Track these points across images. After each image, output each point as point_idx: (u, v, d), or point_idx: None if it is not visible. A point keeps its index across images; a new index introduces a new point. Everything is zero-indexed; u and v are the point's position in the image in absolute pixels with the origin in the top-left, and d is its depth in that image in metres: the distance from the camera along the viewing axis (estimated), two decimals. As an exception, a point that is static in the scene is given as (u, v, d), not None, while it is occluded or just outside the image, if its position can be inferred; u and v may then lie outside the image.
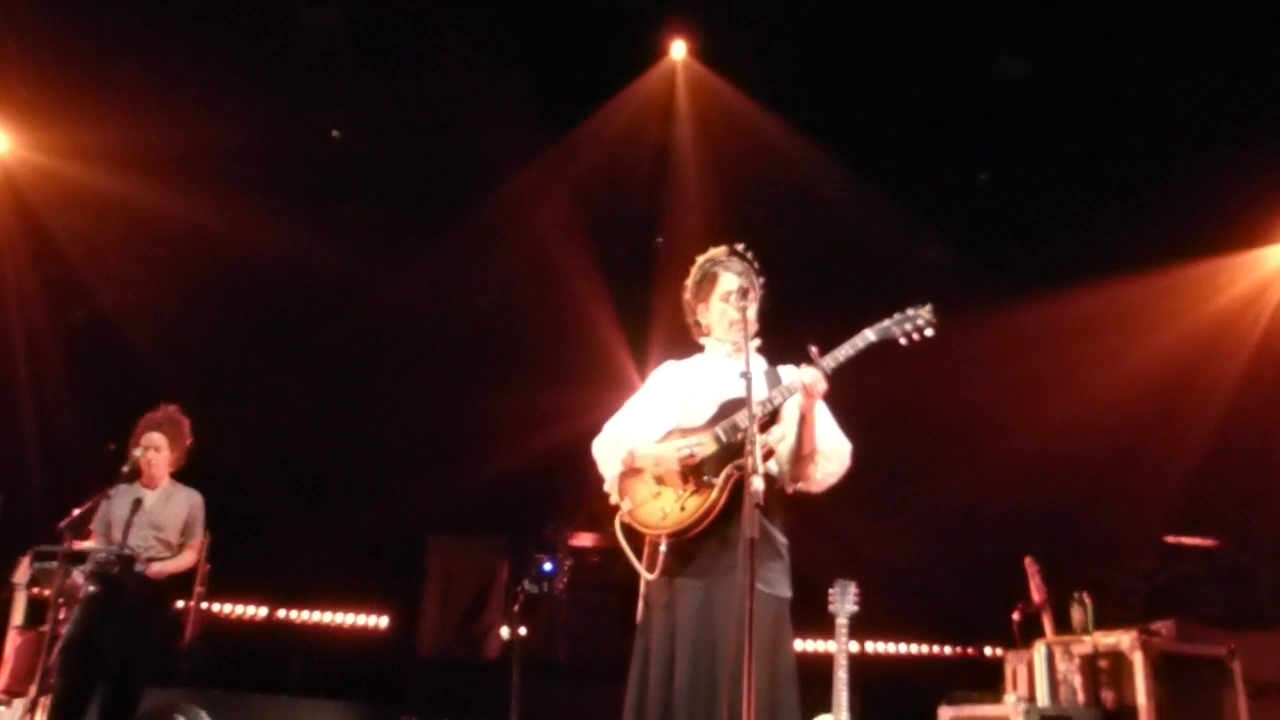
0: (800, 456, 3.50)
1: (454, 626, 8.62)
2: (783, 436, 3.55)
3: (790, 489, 3.57)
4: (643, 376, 3.97)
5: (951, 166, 7.52)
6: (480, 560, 8.81)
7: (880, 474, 6.49)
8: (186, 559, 5.20)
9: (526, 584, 7.15)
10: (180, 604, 5.28)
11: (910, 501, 8.19)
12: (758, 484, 2.90)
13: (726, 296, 3.67)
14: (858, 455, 3.58)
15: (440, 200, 7.77)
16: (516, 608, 6.08)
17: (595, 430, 3.64)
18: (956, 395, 7.94)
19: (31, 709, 4.83)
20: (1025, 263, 7.57)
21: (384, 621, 9.14)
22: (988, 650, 8.59)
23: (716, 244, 3.75)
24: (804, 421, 3.45)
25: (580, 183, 7.54)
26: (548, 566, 8.17)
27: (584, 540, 8.61)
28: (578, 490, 7.79)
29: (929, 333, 3.45)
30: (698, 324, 3.82)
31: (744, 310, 3.45)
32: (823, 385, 3.37)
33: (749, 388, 3.13)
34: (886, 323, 3.47)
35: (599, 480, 3.61)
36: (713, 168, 7.48)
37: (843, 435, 3.61)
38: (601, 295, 8.21)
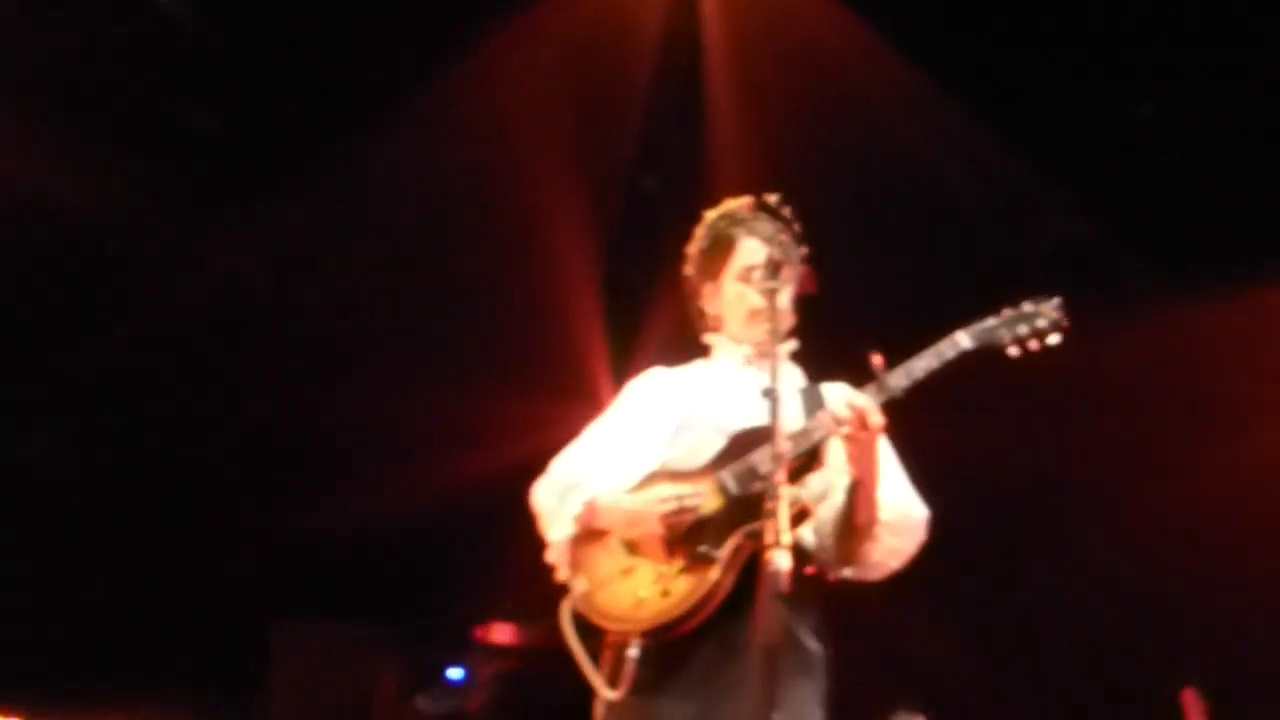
0: (853, 527, 3.50)
1: (308, 757, 8.61)
2: (824, 492, 3.56)
3: (834, 574, 3.59)
4: (618, 386, 3.99)
5: (1097, 92, 7.53)
6: (352, 661, 8.80)
7: (967, 551, 6.49)
8: None
9: (422, 702, 7.12)
10: None
11: (1000, 597, 8.21)
12: (783, 563, 2.84)
13: (747, 274, 3.69)
14: (938, 525, 3.59)
15: (312, 111, 7.70)
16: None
17: (542, 463, 3.64)
18: (1084, 436, 7.95)
19: None
20: (1203, 241, 7.58)
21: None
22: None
23: (738, 194, 3.77)
24: (854, 476, 3.46)
25: (544, 70, 7.50)
26: (456, 675, 8.16)
27: (513, 636, 8.59)
28: (506, 558, 7.79)
29: (1054, 340, 3.47)
30: (703, 314, 3.85)
31: (772, 294, 3.44)
32: (878, 418, 3.36)
33: (775, 412, 3.09)
34: (991, 323, 3.48)
35: (541, 544, 3.61)
36: (745, 84, 7.48)
37: (916, 497, 3.63)
38: (561, 258, 8.19)
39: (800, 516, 3.38)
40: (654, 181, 8.12)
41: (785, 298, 3.52)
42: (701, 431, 3.58)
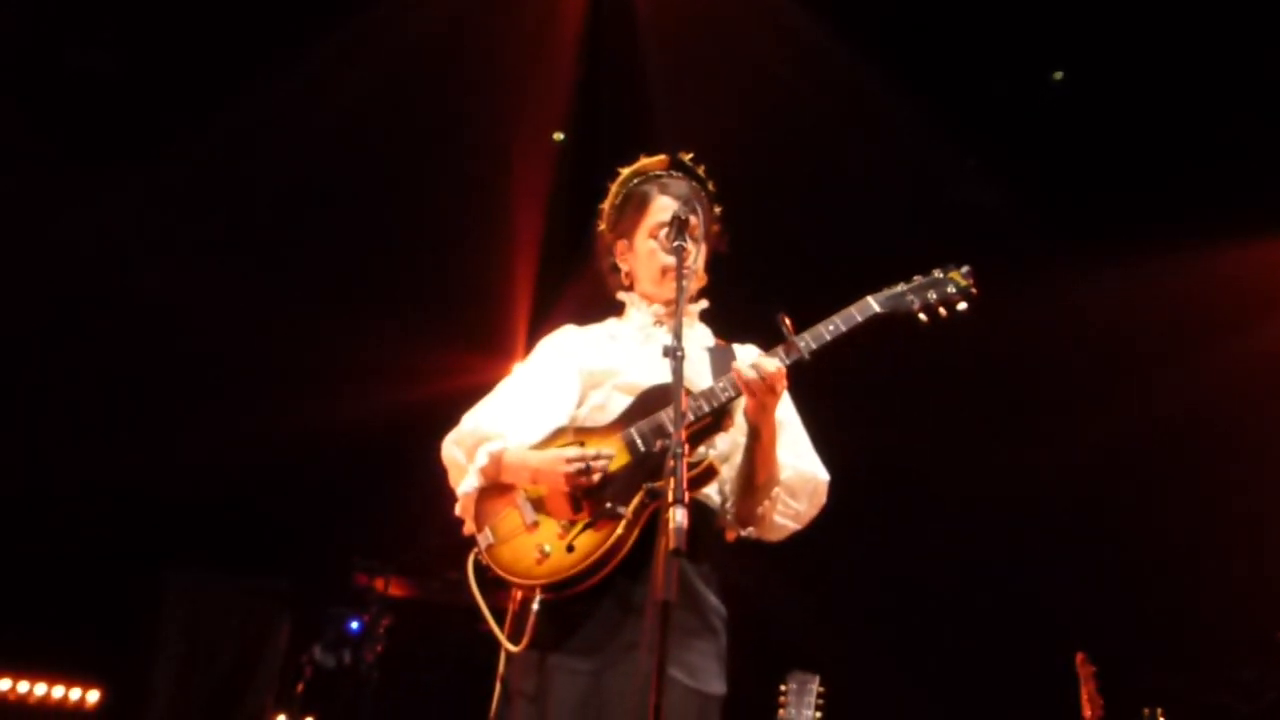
0: (752, 487, 3.58)
1: (201, 710, 8.55)
2: (731, 453, 3.63)
3: (733, 533, 3.66)
4: (531, 343, 4.01)
5: (1010, 57, 7.60)
6: (245, 611, 8.76)
7: (862, 514, 6.60)
8: None
9: (318, 653, 7.11)
10: None
11: (898, 559, 8.34)
12: (680, 519, 2.84)
13: (658, 230, 3.73)
14: (837, 488, 3.67)
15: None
16: (301, 687, 6.06)
17: (449, 410, 3.65)
18: (991, 393, 8.09)
19: None
20: (1112, 206, 7.65)
21: (93, 697, 9.00)
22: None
23: (651, 152, 3.80)
24: (756, 435, 3.52)
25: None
26: (353, 626, 8.15)
27: (411, 589, 8.60)
28: (408, 510, 7.80)
29: (962, 307, 3.55)
30: (617, 270, 3.88)
31: (682, 253, 3.48)
32: (781, 383, 3.42)
33: (677, 370, 3.14)
34: (901, 288, 3.56)
35: (447, 496, 3.63)
36: (664, 46, 7.47)
37: (817, 460, 3.70)
38: (491, 212, 8.18)
39: (706, 475, 3.44)
40: (569, 137, 8.11)
41: (698, 257, 3.57)
42: (609, 389, 3.62)
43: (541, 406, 3.62)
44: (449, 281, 8.41)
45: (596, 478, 3.39)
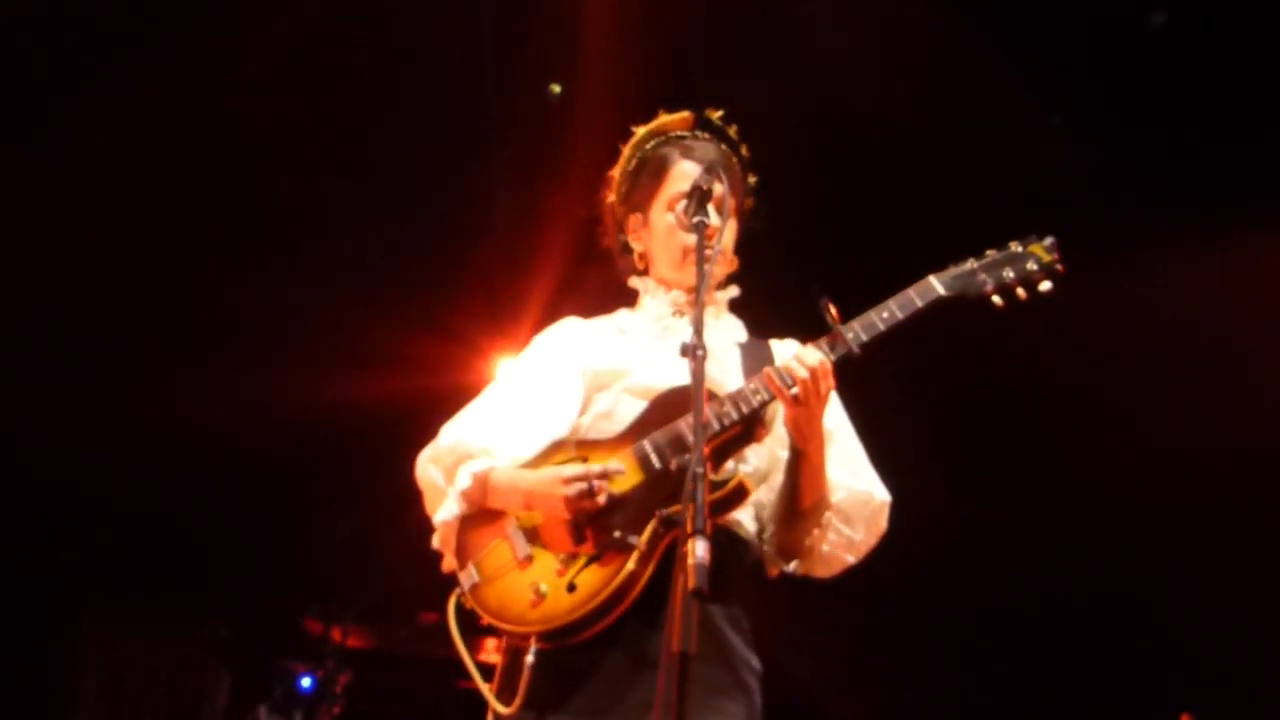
0: (797, 512, 3.54)
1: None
2: (768, 470, 3.60)
3: (775, 568, 3.63)
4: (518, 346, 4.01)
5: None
6: (177, 664, 8.79)
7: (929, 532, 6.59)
8: None
9: (263, 714, 7.10)
10: None
11: (962, 587, 8.34)
12: (702, 554, 2.75)
13: (677, 202, 3.70)
14: (899, 511, 3.64)
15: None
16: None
17: (427, 421, 3.65)
18: (1083, 389, 8.06)
19: None
20: (1227, 172, 7.65)
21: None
22: None
23: (669, 110, 3.80)
24: (800, 449, 3.48)
25: None
26: (305, 682, 8.15)
27: (374, 638, 8.59)
28: (373, 541, 7.79)
29: (1045, 287, 3.53)
30: (628, 251, 3.87)
31: (704, 229, 3.42)
32: (827, 383, 3.38)
33: (697, 371, 3.08)
34: (971, 265, 3.56)
35: (422, 525, 3.62)
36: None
37: (876, 477, 3.67)
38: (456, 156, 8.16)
39: (735, 497, 3.39)
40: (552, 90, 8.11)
41: (727, 235, 3.55)
42: (618, 393, 3.60)
43: (536, 415, 3.60)
44: (423, 250, 8.34)
45: (602, 500, 3.34)
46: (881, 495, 3.63)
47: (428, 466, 3.59)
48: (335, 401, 7.95)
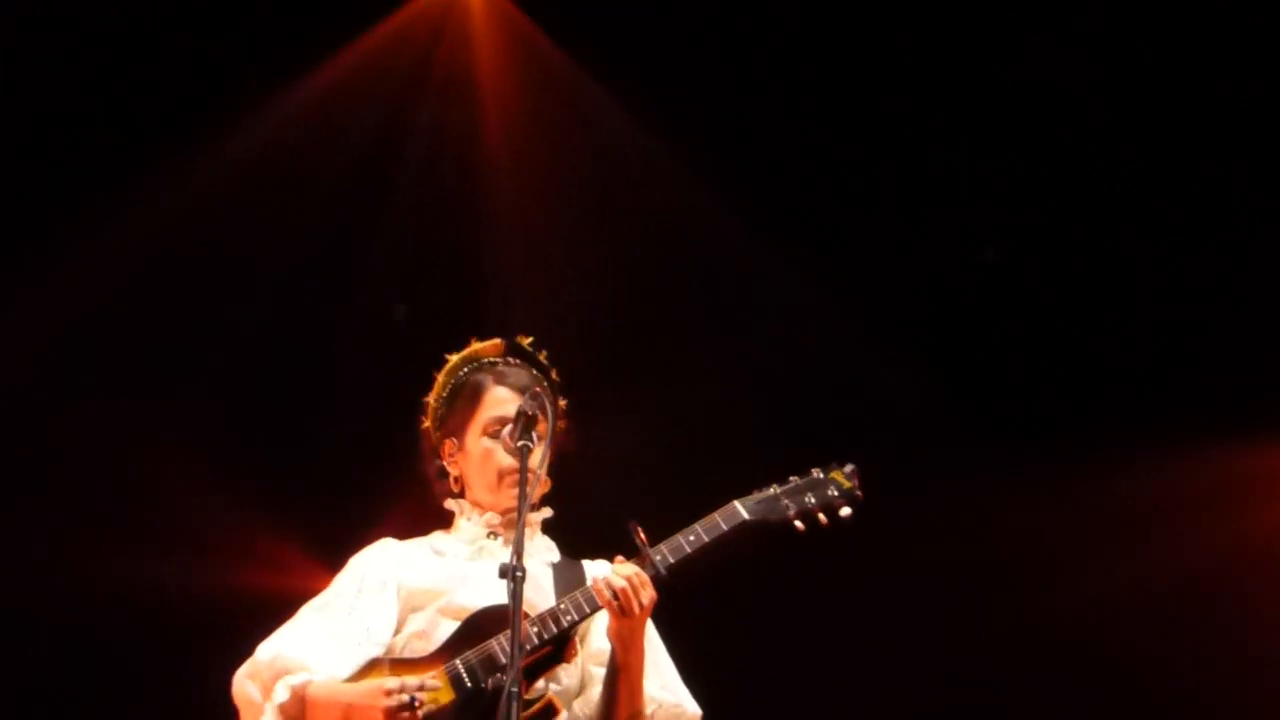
0: (611, 730, 3.55)
1: None
2: (580, 686, 3.62)
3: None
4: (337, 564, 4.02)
5: (935, 234, 7.75)
6: None
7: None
8: None
9: None
10: None
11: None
12: None
13: (494, 427, 3.75)
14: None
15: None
16: None
17: (245, 638, 3.64)
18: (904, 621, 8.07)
19: None
20: (1044, 405, 7.75)
21: None
22: None
23: (485, 335, 3.88)
24: (620, 663, 3.50)
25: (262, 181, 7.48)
26: None
27: None
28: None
29: (845, 513, 3.59)
30: (444, 474, 3.89)
31: (522, 452, 3.45)
32: (648, 593, 3.43)
33: (516, 593, 3.10)
34: (773, 491, 3.61)
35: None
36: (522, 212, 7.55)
37: (686, 691, 3.71)
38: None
39: (544, 716, 3.42)
40: (403, 309, 8.04)
41: (539, 457, 3.52)
42: (433, 613, 3.60)
43: (353, 633, 3.58)
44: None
45: (422, 714, 3.33)
46: (692, 709, 3.67)
47: (244, 683, 3.56)
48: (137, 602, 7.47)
